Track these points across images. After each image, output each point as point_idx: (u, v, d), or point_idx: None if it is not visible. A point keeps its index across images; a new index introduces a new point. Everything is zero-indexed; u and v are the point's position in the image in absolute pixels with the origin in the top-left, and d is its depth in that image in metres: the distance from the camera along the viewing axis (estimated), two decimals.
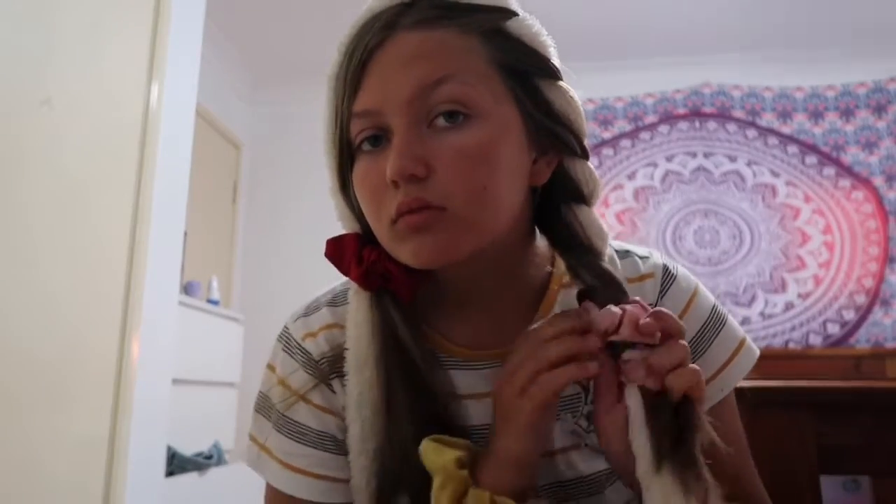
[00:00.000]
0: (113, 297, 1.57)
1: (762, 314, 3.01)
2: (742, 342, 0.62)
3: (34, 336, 1.43)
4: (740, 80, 3.27)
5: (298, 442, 0.58)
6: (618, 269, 0.58)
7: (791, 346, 2.96)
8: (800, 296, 3.00)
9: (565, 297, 0.59)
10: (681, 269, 0.62)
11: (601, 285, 0.51)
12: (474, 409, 0.57)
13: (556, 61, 0.57)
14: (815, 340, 2.94)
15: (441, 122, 0.50)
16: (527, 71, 0.54)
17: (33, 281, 1.44)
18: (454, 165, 0.49)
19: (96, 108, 1.58)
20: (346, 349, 0.56)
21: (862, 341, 2.92)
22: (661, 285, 0.60)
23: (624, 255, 0.61)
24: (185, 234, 1.85)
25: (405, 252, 0.51)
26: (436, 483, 0.47)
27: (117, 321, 1.56)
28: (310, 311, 0.63)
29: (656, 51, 3.25)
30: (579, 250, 0.54)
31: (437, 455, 0.48)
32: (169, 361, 1.73)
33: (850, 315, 2.95)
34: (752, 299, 3.03)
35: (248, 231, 3.47)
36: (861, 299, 2.95)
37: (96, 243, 1.57)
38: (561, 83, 0.56)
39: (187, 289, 2.65)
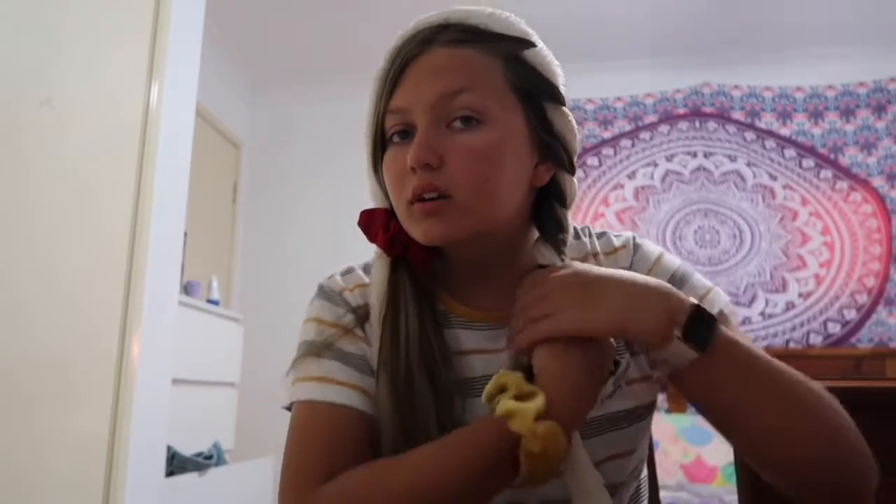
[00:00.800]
0: (113, 297, 1.57)
1: (763, 314, 3.01)
2: (708, 290, 0.69)
3: (34, 336, 1.43)
4: (740, 80, 3.27)
5: (341, 363, 0.65)
6: (587, 248, 0.72)
7: (791, 345, 2.96)
8: (800, 295, 3.00)
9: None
10: (648, 241, 0.74)
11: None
12: (477, 364, 0.66)
13: (562, 88, 0.67)
14: (816, 340, 2.94)
15: (457, 124, 0.61)
16: (537, 94, 0.64)
17: (33, 281, 1.44)
18: (462, 160, 0.60)
19: (96, 108, 1.58)
20: (370, 301, 0.67)
21: (864, 341, 2.92)
22: (632, 253, 0.71)
23: (600, 235, 0.74)
24: (185, 234, 1.85)
25: (417, 231, 0.62)
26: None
27: (117, 321, 1.56)
28: (345, 273, 0.73)
29: (656, 51, 3.25)
30: (553, 241, 0.67)
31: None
32: (169, 361, 1.74)
33: (851, 314, 2.95)
34: (753, 299, 3.03)
35: (248, 231, 3.47)
36: (863, 298, 2.95)
37: (96, 243, 1.57)
38: (564, 108, 0.66)
39: (187, 289, 2.65)
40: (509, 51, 0.64)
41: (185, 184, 1.81)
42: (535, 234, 0.69)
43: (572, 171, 0.68)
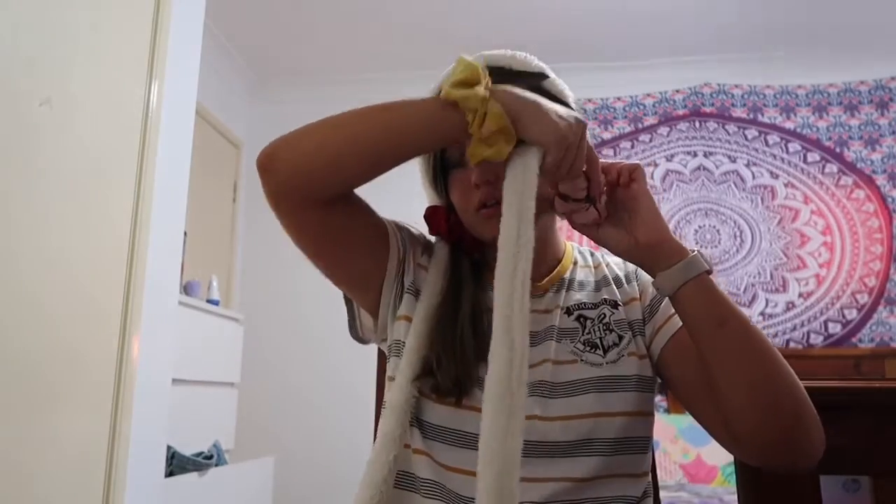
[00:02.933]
0: (113, 297, 1.57)
1: (763, 314, 3.01)
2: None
3: (34, 336, 1.43)
4: (740, 80, 3.27)
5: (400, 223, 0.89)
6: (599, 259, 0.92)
7: (792, 345, 2.96)
8: (801, 295, 3.00)
9: (571, 273, 0.88)
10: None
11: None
12: None
13: (574, 107, 0.84)
14: (817, 340, 2.94)
15: None
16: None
17: (32, 281, 1.44)
18: None
19: (96, 108, 1.58)
20: (432, 264, 0.86)
21: (865, 340, 2.91)
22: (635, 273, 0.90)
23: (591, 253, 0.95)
24: (185, 234, 1.85)
25: (484, 230, 0.80)
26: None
27: (117, 321, 1.56)
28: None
29: (656, 51, 3.24)
30: None
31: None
32: (169, 361, 1.74)
33: (852, 314, 2.95)
34: (753, 299, 3.03)
35: (248, 231, 3.47)
36: (864, 298, 2.95)
37: (96, 243, 1.57)
38: None
39: (187, 289, 2.65)
40: (531, 84, 0.78)
41: (185, 184, 1.81)
42: (557, 219, 0.87)
43: None
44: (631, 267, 0.88)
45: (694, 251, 0.73)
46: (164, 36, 1.69)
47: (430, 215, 0.88)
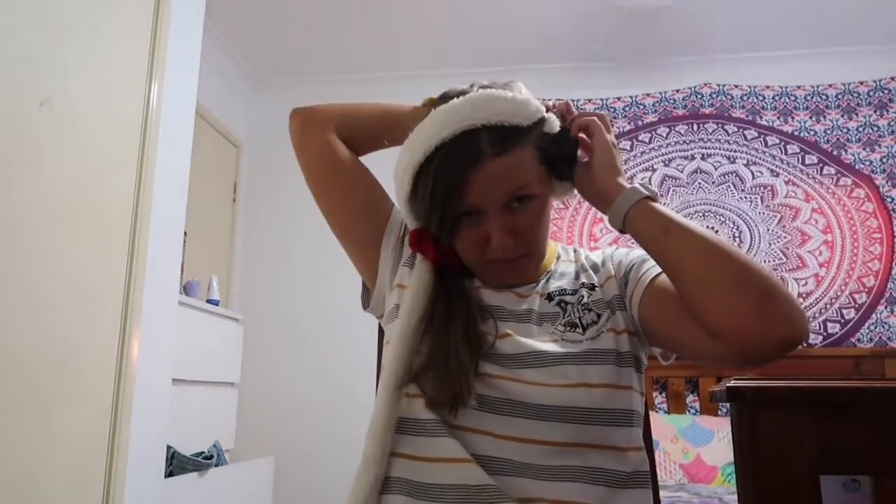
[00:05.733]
0: (113, 297, 1.57)
1: None
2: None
3: (34, 336, 1.43)
4: (740, 80, 3.27)
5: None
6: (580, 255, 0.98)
7: None
8: (800, 295, 3.00)
9: (555, 266, 0.95)
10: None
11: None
12: (497, 318, 0.87)
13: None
14: (816, 340, 2.94)
15: (515, 204, 0.83)
16: (555, 150, 0.86)
17: (33, 281, 1.44)
18: (529, 229, 0.85)
19: (96, 108, 1.58)
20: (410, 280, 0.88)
21: (864, 340, 2.92)
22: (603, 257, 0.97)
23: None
24: (185, 234, 1.86)
25: (500, 277, 0.89)
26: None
27: (117, 321, 1.56)
28: None
29: (656, 51, 3.24)
30: None
31: None
32: (169, 361, 1.74)
33: (851, 314, 2.95)
34: None
35: (248, 231, 3.47)
36: (863, 298, 2.95)
37: (96, 243, 1.57)
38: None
39: (187, 289, 2.65)
40: (537, 134, 0.84)
41: (185, 184, 1.81)
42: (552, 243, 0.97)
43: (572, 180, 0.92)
44: (607, 253, 0.95)
45: (633, 185, 0.82)
46: (164, 36, 1.69)
47: (418, 240, 0.88)
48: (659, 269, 0.84)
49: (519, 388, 0.78)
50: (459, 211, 0.83)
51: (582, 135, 0.87)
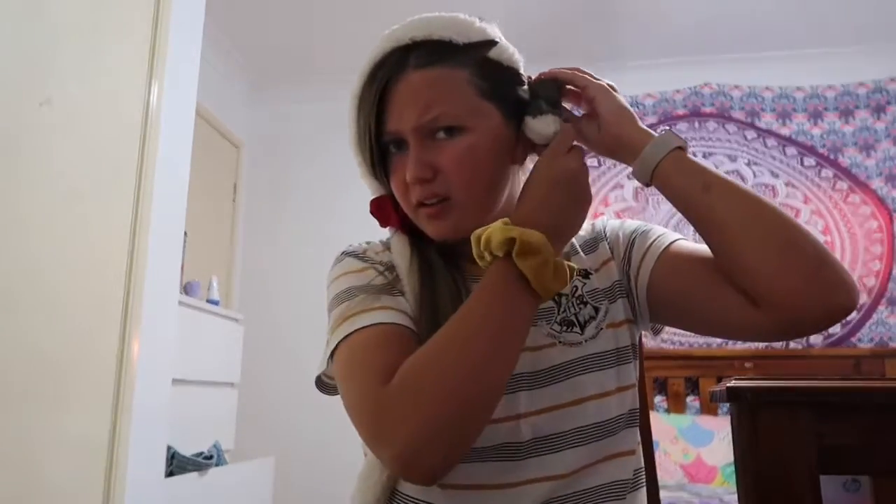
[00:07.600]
0: (113, 297, 1.57)
1: None
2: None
3: (34, 336, 1.43)
4: (740, 80, 3.27)
5: (377, 293, 0.73)
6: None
7: (792, 345, 2.96)
8: None
9: None
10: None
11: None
12: None
13: (522, 71, 0.78)
14: (816, 340, 2.94)
15: (441, 135, 0.71)
16: (506, 86, 0.75)
17: (33, 281, 1.44)
18: (452, 166, 0.71)
19: (96, 108, 1.58)
20: (396, 264, 0.77)
21: (865, 340, 2.91)
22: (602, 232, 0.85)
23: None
24: (185, 234, 1.85)
25: (428, 230, 0.74)
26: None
27: (117, 321, 1.56)
28: (366, 244, 0.82)
29: (656, 51, 3.24)
30: None
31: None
32: (169, 361, 1.73)
33: (851, 314, 2.95)
34: None
35: (248, 231, 3.47)
36: (863, 298, 2.95)
37: (96, 243, 1.57)
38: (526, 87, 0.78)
39: (187, 289, 2.65)
40: (476, 56, 0.73)
41: (185, 184, 1.81)
42: None
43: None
44: (598, 226, 0.84)
45: (662, 131, 0.72)
46: (164, 36, 1.69)
47: (377, 209, 0.78)
48: (672, 237, 0.77)
49: (526, 421, 0.71)
50: (384, 139, 0.73)
51: (569, 87, 0.78)
